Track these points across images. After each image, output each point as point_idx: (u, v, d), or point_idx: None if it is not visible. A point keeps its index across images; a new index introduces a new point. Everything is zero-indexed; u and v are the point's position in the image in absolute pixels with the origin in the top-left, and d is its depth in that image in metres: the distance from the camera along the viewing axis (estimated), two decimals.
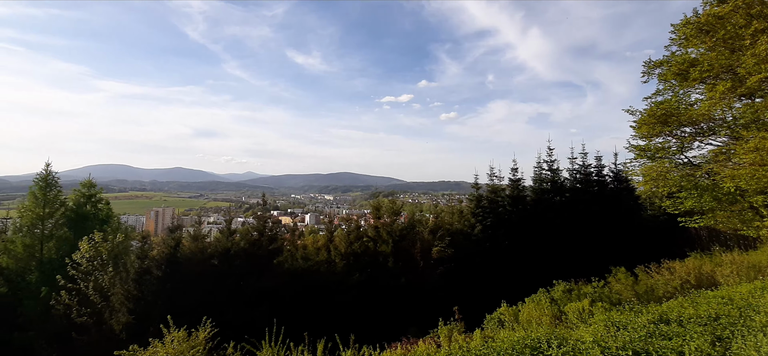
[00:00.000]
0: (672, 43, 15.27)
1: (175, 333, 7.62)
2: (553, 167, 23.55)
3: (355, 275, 17.81)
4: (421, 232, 19.83)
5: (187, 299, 14.60)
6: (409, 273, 18.64)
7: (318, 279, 17.82)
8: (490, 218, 21.68)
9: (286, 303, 15.96)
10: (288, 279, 17.39)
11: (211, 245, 18.58)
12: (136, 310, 14.03)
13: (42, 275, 16.11)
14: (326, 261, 18.62)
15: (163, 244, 17.71)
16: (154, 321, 8.59)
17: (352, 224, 20.17)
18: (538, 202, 22.76)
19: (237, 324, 12.82)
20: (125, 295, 14.11)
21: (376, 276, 18.18)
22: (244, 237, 18.66)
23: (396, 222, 19.66)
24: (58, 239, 17.55)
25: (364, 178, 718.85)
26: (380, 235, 19.22)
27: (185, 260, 16.96)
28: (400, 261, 18.76)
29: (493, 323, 10.49)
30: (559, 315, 9.98)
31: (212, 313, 8.96)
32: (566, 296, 12.04)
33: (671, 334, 5.34)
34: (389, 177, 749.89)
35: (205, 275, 16.67)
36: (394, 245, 18.79)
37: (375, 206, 21.08)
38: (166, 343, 7.35)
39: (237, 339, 8.82)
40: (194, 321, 8.54)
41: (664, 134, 15.46)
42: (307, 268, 18.25)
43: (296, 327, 9.22)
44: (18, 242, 16.85)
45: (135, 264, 15.37)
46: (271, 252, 18.15)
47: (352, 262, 18.50)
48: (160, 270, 16.11)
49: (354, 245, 18.68)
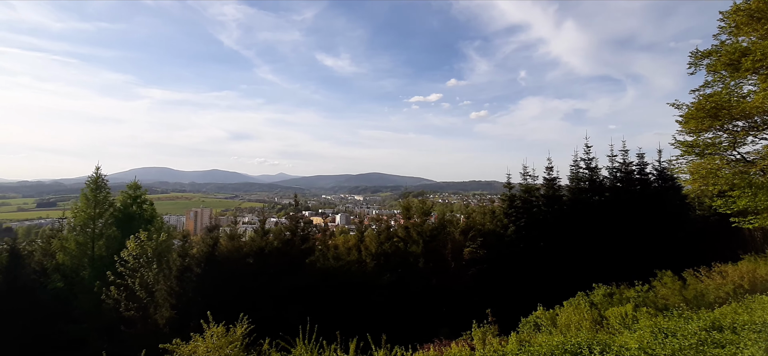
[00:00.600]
0: (721, 32, 14.28)
1: (214, 328, 7.91)
2: (591, 165, 22.57)
3: (386, 275, 17.84)
4: (452, 232, 19.57)
5: (224, 295, 15.15)
6: (440, 273, 18.46)
7: (349, 279, 17.99)
8: (524, 218, 21.07)
9: (317, 302, 16.21)
10: (320, 278, 17.67)
11: (246, 244, 19.19)
12: (178, 306, 14.71)
13: (94, 271, 17.20)
14: (357, 261, 18.76)
15: (202, 243, 18.47)
16: (194, 317, 8.95)
17: (382, 225, 20.22)
18: (576, 202, 21.89)
19: (271, 320, 13.14)
20: (168, 291, 14.83)
21: (407, 277, 18.13)
22: (278, 237, 19.14)
23: (426, 222, 19.51)
24: (107, 237, 18.68)
25: (394, 178, 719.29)
26: (410, 235, 19.15)
27: (222, 259, 17.63)
28: (431, 262, 18.61)
29: (529, 326, 10.19)
30: (599, 319, 9.55)
31: (248, 310, 9.21)
32: (607, 300, 11.51)
33: (724, 342, 4.99)
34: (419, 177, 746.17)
35: (241, 273, 17.24)
36: (424, 246, 18.66)
37: (405, 206, 21.03)
38: (207, 338, 7.64)
39: (272, 336, 9.05)
40: (231, 317, 8.83)
41: (714, 129, 14.48)
42: (338, 268, 18.48)
43: (328, 325, 9.33)
44: (72, 241, 18.10)
45: (177, 262, 16.11)
46: (303, 252, 18.51)
47: (383, 262, 18.55)
48: (199, 267, 16.83)
49: (384, 246, 18.71)
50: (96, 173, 19.51)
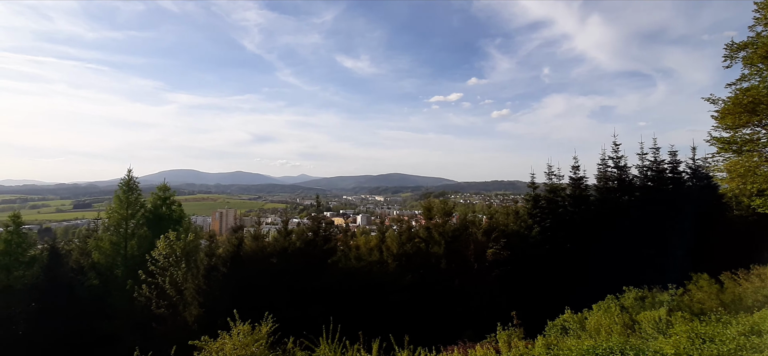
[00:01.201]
0: (757, 23, 13.55)
1: (240, 326, 8.06)
2: (620, 164, 21.81)
3: (408, 276, 17.79)
4: (474, 233, 19.33)
5: (249, 294, 15.48)
6: (463, 274, 18.26)
7: (370, 279, 18.04)
8: (549, 219, 20.59)
9: (340, 302, 16.32)
10: (342, 278, 17.80)
11: (270, 244, 19.55)
12: (206, 304, 15.13)
13: (126, 269, 17.90)
14: (378, 262, 18.80)
15: (227, 243, 18.94)
16: (220, 315, 9.15)
17: (403, 225, 20.19)
18: (603, 202, 21.21)
19: (295, 320, 13.32)
20: (196, 290, 15.27)
21: (429, 277, 18.03)
22: (300, 238, 19.40)
23: (448, 223, 19.34)
24: (139, 237, 19.42)
25: (414, 178, 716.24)
26: (432, 236, 19.03)
27: (247, 259, 18.01)
28: (453, 263, 18.44)
29: (556, 330, 9.94)
30: (630, 324, 9.21)
31: (272, 309, 9.33)
32: (639, 304, 11.10)
33: (763, 346, 4.75)
34: (440, 177, 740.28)
35: (265, 272, 17.57)
36: (446, 247, 18.50)
37: (426, 206, 20.94)
38: (233, 336, 7.80)
39: (295, 335, 9.16)
40: (256, 315, 8.98)
41: (753, 125, 13.75)
42: (360, 268, 18.57)
43: (350, 325, 9.36)
44: (106, 240, 18.91)
45: (204, 262, 16.58)
46: (325, 252, 18.70)
47: (404, 263, 18.50)
48: (225, 267, 17.25)
49: (406, 246, 18.67)
50: (128, 175, 20.32)
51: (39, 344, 14.84)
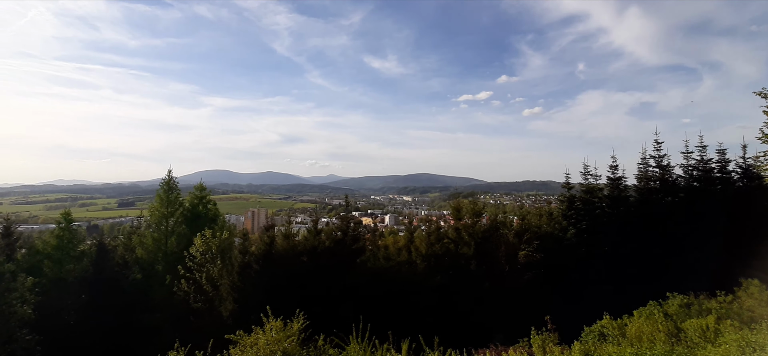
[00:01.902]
0: None
1: (273, 322, 8.26)
2: (663, 163, 20.60)
3: (436, 276, 17.64)
4: (505, 235, 18.90)
5: (280, 291, 15.84)
6: (493, 276, 17.89)
7: (399, 279, 18.03)
8: (585, 221, 19.81)
9: (368, 301, 16.39)
10: (370, 277, 17.89)
11: (300, 243, 19.92)
12: (240, 299, 15.62)
13: (166, 265, 18.77)
14: (407, 262, 18.75)
15: (259, 241, 19.48)
16: (253, 310, 9.43)
17: (431, 226, 20.02)
18: (644, 203, 20.14)
19: (324, 317, 13.51)
20: (231, 286, 15.79)
21: (458, 279, 17.79)
22: (330, 237, 19.66)
23: (478, 224, 19.02)
24: (178, 234, 20.31)
25: (442, 178, 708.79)
26: (461, 237, 18.77)
27: (278, 257, 18.45)
28: (483, 264, 18.11)
29: (593, 336, 9.55)
30: (675, 332, 8.71)
31: (302, 306, 9.49)
32: (683, 311, 10.48)
33: None
34: (468, 177, 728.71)
35: (296, 270, 17.93)
36: (476, 248, 18.20)
37: (455, 207, 20.68)
38: (266, 331, 7.99)
39: (325, 333, 9.29)
40: (287, 312, 9.16)
41: None
42: (388, 268, 18.60)
43: (378, 325, 9.39)
44: (149, 237, 19.91)
45: (238, 259, 17.12)
46: (354, 251, 18.85)
47: (433, 263, 18.35)
48: (258, 264, 17.75)
49: (435, 247, 18.51)
50: (168, 175, 21.30)
51: (89, 334, 15.80)
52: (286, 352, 7.62)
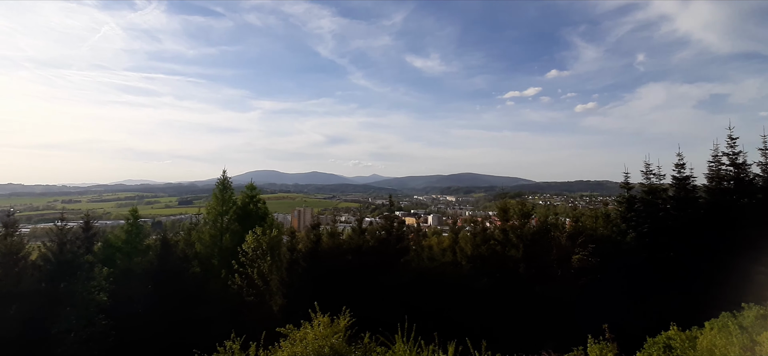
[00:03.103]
0: None
1: (320, 318, 8.43)
2: (738, 160, 18.57)
3: (483, 279, 17.19)
4: (557, 237, 17.99)
5: (326, 289, 16.16)
6: (544, 281, 17.10)
7: (444, 280, 17.77)
8: (647, 223, 18.35)
9: (412, 301, 16.31)
10: (414, 277, 17.80)
11: (345, 242, 20.27)
12: (288, 294, 16.17)
13: (222, 260, 19.83)
14: (452, 263, 18.45)
15: (306, 239, 20.06)
16: (301, 306, 9.67)
17: (477, 227, 19.53)
18: (716, 205, 18.28)
19: (369, 315, 13.60)
20: (280, 281, 16.39)
21: (505, 282, 17.21)
22: (374, 236, 19.82)
23: (526, 225, 18.26)
24: (231, 231, 21.39)
25: (488, 178, 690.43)
26: (509, 238, 18.13)
27: (324, 255, 18.88)
28: (533, 268, 17.37)
29: (657, 348, 8.81)
30: (750, 345, 7.82)
31: (347, 303, 9.60)
32: (760, 323, 9.36)
33: None
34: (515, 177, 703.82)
35: (341, 268, 18.25)
36: (525, 250, 17.50)
37: (501, 207, 20.01)
38: (315, 327, 8.18)
39: (369, 331, 9.33)
40: (333, 309, 9.31)
41: None
42: (432, 268, 18.41)
43: (423, 325, 9.28)
44: (206, 233, 21.16)
45: (286, 256, 17.73)
46: (398, 251, 18.85)
47: (479, 265, 17.90)
48: (305, 261, 18.28)
49: (481, 248, 18.04)
50: (223, 176, 22.52)
51: (155, 322, 17.06)
52: (334, 348, 7.74)
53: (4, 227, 14.82)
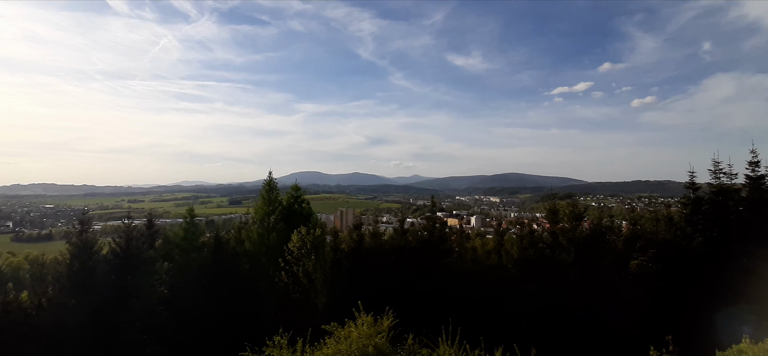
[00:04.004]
0: None
1: (364, 317, 8.50)
2: None
3: (530, 284, 16.49)
4: (612, 241, 16.85)
5: (368, 288, 16.27)
6: (597, 288, 16.07)
7: (488, 283, 17.27)
8: (716, 228, 16.70)
9: (455, 303, 16.00)
10: (457, 279, 17.46)
11: (387, 242, 20.32)
12: (332, 293, 16.46)
13: (269, 258, 20.60)
14: (497, 266, 17.90)
15: (349, 239, 20.34)
16: (344, 304, 9.81)
17: (524, 229, 18.78)
18: None
19: (411, 317, 13.53)
20: (324, 280, 16.74)
21: (555, 288, 16.37)
22: (416, 237, 19.69)
23: (578, 228, 17.28)
24: (277, 231, 22.17)
25: (534, 178, 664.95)
26: (559, 242, 17.25)
27: (366, 255, 19.04)
28: (585, 274, 16.39)
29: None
30: None
31: (390, 304, 9.60)
32: None
33: None
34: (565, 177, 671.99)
35: (383, 269, 18.30)
36: (576, 255, 16.55)
37: (550, 209, 19.09)
38: (358, 325, 8.26)
39: (411, 332, 9.26)
40: (375, 308, 9.35)
41: None
42: (476, 271, 17.96)
43: (467, 328, 9.07)
44: (254, 232, 22.09)
45: (330, 255, 18.07)
46: (441, 253, 18.59)
47: (526, 269, 17.19)
48: (348, 261, 18.55)
49: (528, 252, 17.32)
50: (269, 177, 23.42)
51: (210, 315, 18.08)
52: (378, 348, 7.76)
53: (80, 224, 16.36)
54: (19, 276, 57.11)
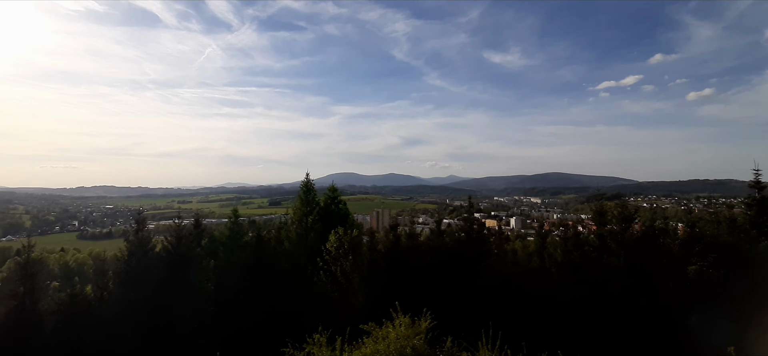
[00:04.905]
0: None
1: (401, 318, 8.47)
2: None
3: (575, 288, 15.73)
4: (667, 245, 15.74)
5: (405, 289, 16.21)
6: (650, 294, 15.05)
7: (529, 288, 16.65)
8: None
9: (495, 307, 15.58)
10: (497, 282, 16.98)
11: (423, 243, 20.16)
12: (369, 293, 16.56)
13: (307, 258, 21.05)
14: (539, 269, 17.24)
15: (385, 240, 20.37)
16: (381, 305, 9.81)
17: (568, 231, 17.96)
18: None
19: (449, 319, 13.31)
20: (361, 280, 16.87)
21: (602, 294, 15.51)
22: (453, 238, 19.39)
23: (628, 231, 16.28)
24: (315, 231, 22.60)
25: (579, 178, 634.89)
26: (606, 245, 16.33)
27: (403, 255, 18.97)
28: (636, 279, 15.40)
29: None
30: None
31: (427, 305, 9.47)
32: None
33: None
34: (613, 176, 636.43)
35: (419, 270, 18.15)
36: (626, 259, 15.61)
37: (597, 210, 18.11)
38: (396, 326, 8.23)
39: (451, 334, 9.09)
40: (411, 309, 9.27)
41: None
42: (517, 274, 17.39)
43: (507, 332, 8.79)
44: (293, 232, 22.68)
45: (367, 255, 18.20)
46: (479, 254, 18.19)
47: (571, 273, 16.42)
48: (384, 261, 18.59)
49: (572, 255, 16.54)
50: (306, 178, 23.95)
51: (252, 311, 18.77)
52: (415, 349, 7.70)
53: (136, 223, 17.60)
54: (83, 270, 62.36)
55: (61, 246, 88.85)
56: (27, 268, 15.65)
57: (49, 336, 15.53)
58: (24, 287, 15.40)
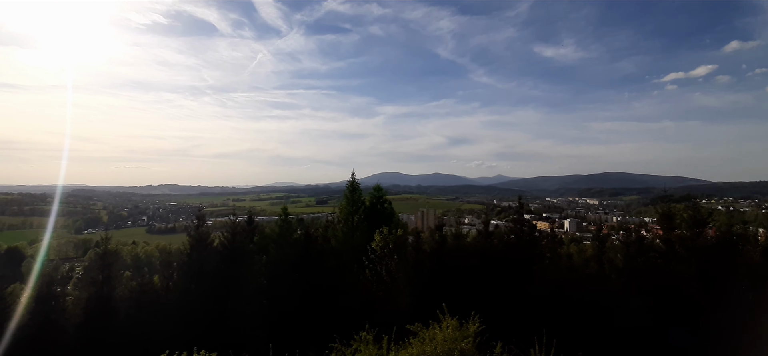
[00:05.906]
0: None
1: (448, 320, 8.27)
2: None
3: (638, 297, 14.53)
4: (747, 252, 14.10)
5: (451, 290, 15.90)
6: (726, 308, 13.57)
7: (586, 295, 15.66)
8: None
9: (548, 314, 14.81)
10: (550, 287, 16.15)
11: (470, 244, 19.66)
12: (415, 293, 16.44)
13: (353, 256, 21.35)
14: (597, 276, 16.16)
15: (431, 240, 20.11)
16: (426, 305, 9.67)
17: (630, 235, 16.65)
18: None
19: (497, 323, 12.84)
20: (406, 280, 16.81)
21: (670, 303, 14.21)
22: (502, 240, 18.72)
23: (700, 236, 14.78)
24: (361, 229, 22.88)
25: (642, 178, 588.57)
26: (675, 251, 14.94)
27: (449, 256, 18.62)
28: (709, 290, 13.95)
29: None
30: None
31: (474, 308, 9.17)
32: None
33: None
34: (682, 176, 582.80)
35: (466, 271, 17.71)
36: (698, 267, 14.17)
37: (664, 213, 16.63)
38: (443, 328, 8.06)
39: (500, 339, 8.73)
40: (460, 311, 9.01)
41: None
42: (572, 280, 16.44)
43: (561, 342, 8.28)
44: (339, 230, 23.12)
45: (412, 255, 18.09)
46: (530, 258, 17.42)
47: (633, 281, 15.21)
48: (430, 262, 18.36)
49: (636, 261, 15.30)
50: (352, 178, 24.32)
51: (302, 307, 19.37)
52: (464, 352, 7.50)
53: (197, 219, 18.83)
54: (151, 262, 68.03)
55: (132, 239, 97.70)
56: (105, 258, 17.29)
57: (123, 320, 17.04)
58: (102, 275, 17.02)
